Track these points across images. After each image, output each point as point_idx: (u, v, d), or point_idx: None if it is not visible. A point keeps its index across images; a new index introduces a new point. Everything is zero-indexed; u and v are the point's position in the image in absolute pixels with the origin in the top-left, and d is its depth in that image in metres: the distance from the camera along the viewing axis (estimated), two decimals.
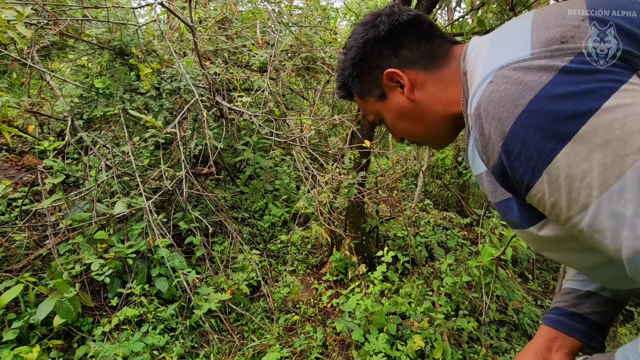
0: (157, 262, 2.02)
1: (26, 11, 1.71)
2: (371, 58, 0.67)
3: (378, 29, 0.65)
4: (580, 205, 0.43)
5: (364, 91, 0.71)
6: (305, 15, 3.36)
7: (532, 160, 0.45)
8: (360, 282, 2.37)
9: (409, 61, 0.65)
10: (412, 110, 0.67)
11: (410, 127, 0.70)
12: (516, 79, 0.45)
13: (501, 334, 2.05)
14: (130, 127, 2.61)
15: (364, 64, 0.68)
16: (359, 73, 0.70)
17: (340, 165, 2.34)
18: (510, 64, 0.47)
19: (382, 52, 0.66)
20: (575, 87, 0.42)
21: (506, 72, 0.47)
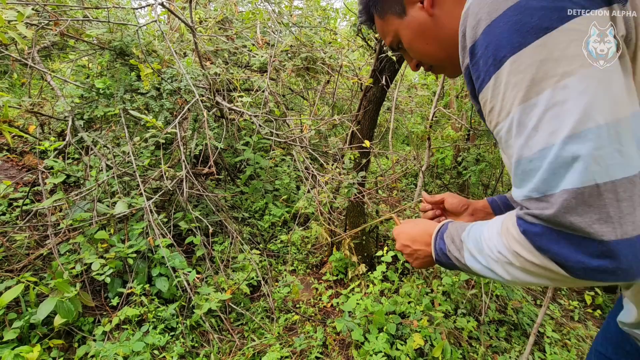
0: (157, 261, 2.02)
1: (27, 11, 1.72)
2: None
3: None
4: (505, 111, 0.46)
5: (385, 9, 0.70)
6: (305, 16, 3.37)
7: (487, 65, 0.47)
8: (360, 282, 2.38)
9: None
10: (430, 27, 0.66)
11: (426, 47, 0.69)
12: None
13: (500, 334, 2.06)
14: (131, 127, 2.62)
15: None
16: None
17: (340, 165, 2.34)
18: None
19: None
20: (549, 2, 0.43)
21: None
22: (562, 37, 0.42)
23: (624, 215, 0.40)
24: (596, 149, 0.40)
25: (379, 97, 2.26)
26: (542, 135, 0.43)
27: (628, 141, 0.41)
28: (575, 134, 0.41)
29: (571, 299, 2.51)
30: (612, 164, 0.40)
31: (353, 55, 3.00)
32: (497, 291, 2.30)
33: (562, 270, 0.44)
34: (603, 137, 0.40)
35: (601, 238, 0.40)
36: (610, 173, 0.40)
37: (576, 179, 0.41)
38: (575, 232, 0.42)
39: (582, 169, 0.41)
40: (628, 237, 0.40)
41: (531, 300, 2.39)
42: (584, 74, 0.41)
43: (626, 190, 0.40)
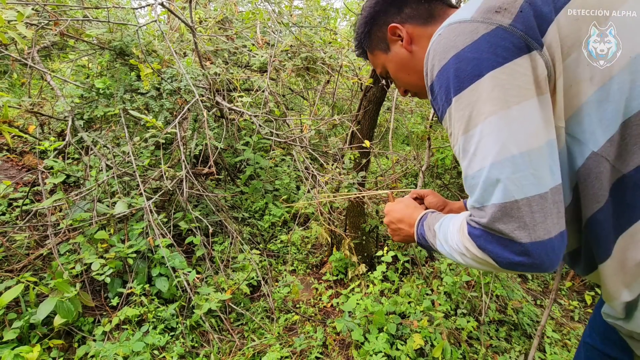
0: (157, 261, 2.02)
1: (27, 11, 1.72)
2: (379, 16, 0.80)
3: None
4: (455, 139, 0.59)
5: (373, 45, 0.83)
6: (305, 16, 3.37)
7: (442, 101, 0.59)
8: (360, 282, 2.38)
9: (410, 17, 0.76)
10: (409, 61, 0.77)
11: (408, 77, 0.81)
12: (451, 35, 0.58)
13: (501, 334, 2.06)
14: (131, 127, 2.61)
15: (374, 21, 0.81)
16: (370, 29, 0.82)
17: (340, 165, 2.34)
18: (454, 22, 0.59)
19: (389, 11, 0.79)
20: (480, 54, 0.54)
21: (448, 29, 0.59)
22: (488, 82, 0.53)
23: (537, 224, 0.52)
24: (512, 173, 0.52)
25: (379, 97, 2.26)
26: (479, 159, 0.55)
27: (540, 165, 0.52)
28: (497, 161, 0.53)
29: (571, 299, 2.51)
30: (526, 184, 0.52)
31: (353, 55, 3.00)
32: (497, 291, 2.30)
33: (495, 263, 0.56)
34: (517, 164, 0.52)
35: (520, 241, 0.52)
36: (525, 191, 0.52)
37: (500, 196, 0.53)
38: (503, 235, 0.54)
39: (503, 188, 0.52)
40: (540, 240, 0.52)
41: (531, 301, 2.39)
42: (503, 114, 0.52)
43: (538, 204, 0.52)
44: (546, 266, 0.53)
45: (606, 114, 0.53)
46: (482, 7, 0.57)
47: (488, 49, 0.54)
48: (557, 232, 0.53)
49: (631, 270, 0.56)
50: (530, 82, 0.53)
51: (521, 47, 0.53)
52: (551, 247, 0.52)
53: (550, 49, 0.54)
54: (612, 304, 0.62)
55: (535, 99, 0.53)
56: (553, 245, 0.52)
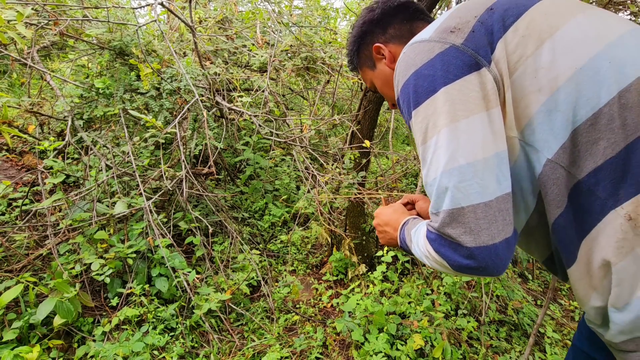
0: (157, 262, 2.02)
1: (26, 11, 1.71)
2: (367, 36, 0.86)
3: (374, 13, 0.84)
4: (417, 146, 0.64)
5: (361, 63, 0.90)
6: (305, 16, 3.36)
7: (406, 114, 0.66)
8: (360, 282, 2.38)
9: (393, 37, 0.83)
10: (391, 77, 0.82)
11: (392, 93, 0.86)
12: (412, 54, 0.64)
13: (501, 334, 2.05)
14: (131, 127, 2.61)
15: (362, 40, 0.87)
16: (358, 47, 0.88)
17: (340, 165, 2.34)
18: (416, 42, 0.65)
19: (375, 31, 0.85)
20: (435, 71, 0.59)
21: (410, 48, 0.65)
22: (441, 97, 0.58)
23: (482, 230, 0.55)
24: (459, 182, 0.56)
25: (379, 97, 2.26)
26: (433, 168, 0.59)
27: (486, 175, 0.56)
28: (446, 171, 0.57)
29: (572, 299, 2.50)
30: (472, 192, 0.55)
31: None
32: (497, 292, 2.30)
33: (449, 265, 0.60)
34: (464, 173, 0.56)
35: (466, 245, 0.56)
36: (471, 199, 0.55)
37: (448, 203, 0.57)
38: (452, 239, 0.58)
39: (451, 196, 0.57)
40: (484, 245, 0.55)
41: (532, 301, 2.39)
42: (453, 127, 0.57)
43: (483, 211, 0.55)
44: (491, 270, 0.57)
45: (556, 123, 0.55)
46: (439, 28, 0.63)
47: (441, 66, 0.59)
48: (501, 238, 0.56)
49: (596, 273, 0.57)
50: (479, 98, 0.57)
51: (471, 64, 0.58)
52: (495, 252, 0.56)
53: (498, 65, 0.58)
54: (585, 309, 0.63)
55: (485, 113, 0.57)
56: (497, 250, 0.56)
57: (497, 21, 0.60)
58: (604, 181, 0.53)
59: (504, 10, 0.61)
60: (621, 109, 0.52)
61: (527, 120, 0.57)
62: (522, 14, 0.60)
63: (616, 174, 0.53)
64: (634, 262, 0.52)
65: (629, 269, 0.53)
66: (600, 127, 0.53)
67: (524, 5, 0.61)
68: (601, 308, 0.59)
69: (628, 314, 0.54)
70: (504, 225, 0.56)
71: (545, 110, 0.56)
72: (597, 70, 0.54)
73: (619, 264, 0.53)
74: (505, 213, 0.57)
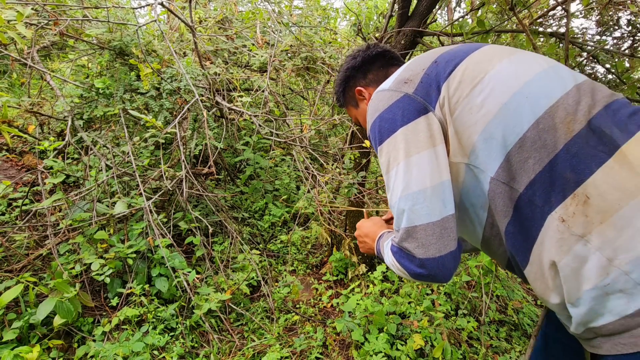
0: (157, 262, 2.02)
1: (26, 11, 1.71)
2: (350, 80, 1.01)
3: (355, 60, 0.99)
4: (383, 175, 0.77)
5: (346, 102, 1.06)
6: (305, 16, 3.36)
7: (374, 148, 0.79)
8: (360, 282, 2.38)
9: (372, 81, 0.98)
10: None
11: None
12: (376, 101, 0.79)
13: (501, 334, 2.05)
14: (131, 127, 2.61)
15: (346, 83, 1.02)
16: (343, 89, 1.03)
17: (340, 165, 2.34)
18: (380, 90, 0.80)
19: (356, 76, 1.00)
20: (394, 115, 0.74)
21: (376, 95, 0.80)
22: (399, 136, 0.73)
23: (431, 244, 0.69)
24: (413, 205, 0.70)
25: None
26: (394, 193, 0.73)
27: (434, 199, 0.69)
28: (402, 196, 0.71)
29: None
30: (423, 214, 0.69)
31: None
32: (497, 292, 2.30)
33: (407, 273, 0.74)
34: (416, 198, 0.70)
35: (419, 256, 0.70)
36: (422, 219, 0.69)
37: (405, 222, 0.71)
38: (408, 252, 0.72)
39: (407, 217, 0.71)
40: (433, 257, 0.69)
41: (532, 301, 2.39)
42: (407, 161, 0.71)
43: (432, 229, 0.69)
44: (439, 277, 0.71)
45: (493, 148, 0.67)
46: (397, 79, 0.78)
47: (398, 111, 0.74)
48: (447, 251, 0.70)
49: (548, 273, 0.64)
50: (427, 137, 0.71)
51: (420, 109, 0.72)
52: (442, 262, 0.70)
53: (442, 108, 0.71)
54: (549, 306, 0.70)
55: (432, 149, 0.71)
56: (444, 261, 0.70)
57: (440, 72, 0.74)
58: (539, 191, 0.63)
59: (445, 62, 0.75)
60: (540, 132, 0.64)
61: (471, 147, 0.69)
62: (459, 64, 0.73)
63: (546, 184, 0.63)
64: (574, 259, 0.60)
65: (571, 265, 0.60)
66: (526, 148, 0.64)
67: (460, 56, 0.74)
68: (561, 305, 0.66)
69: (582, 307, 0.61)
70: (449, 240, 0.70)
71: (483, 139, 0.67)
72: (518, 104, 0.66)
73: (562, 261, 0.61)
74: (450, 231, 0.70)
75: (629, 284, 0.56)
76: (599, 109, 0.64)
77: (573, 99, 0.65)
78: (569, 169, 0.61)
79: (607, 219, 0.57)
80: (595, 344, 0.63)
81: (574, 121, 0.63)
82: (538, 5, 2.99)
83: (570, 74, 0.70)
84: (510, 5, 1.51)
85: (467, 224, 0.78)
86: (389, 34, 2.32)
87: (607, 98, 0.65)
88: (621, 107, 0.64)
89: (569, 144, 0.62)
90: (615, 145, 0.60)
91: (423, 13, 2.17)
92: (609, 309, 0.58)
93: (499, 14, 3.08)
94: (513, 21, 2.56)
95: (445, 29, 2.63)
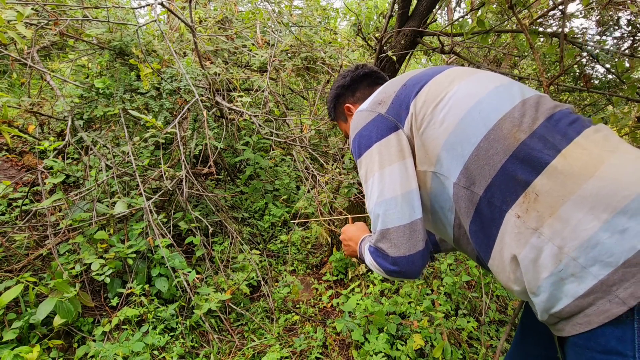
0: (157, 262, 2.02)
1: (26, 11, 1.71)
2: (340, 97, 1.12)
3: (345, 79, 1.10)
4: (363, 184, 0.89)
5: (337, 116, 1.17)
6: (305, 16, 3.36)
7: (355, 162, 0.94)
8: (360, 282, 2.37)
9: (359, 99, 1.09)
10: None
11: None
12: (356, 119, 0.91)
13: (501, 334, 2.05)
14: (131, 127, 2.61)
15: (337, 100, 1.14)
16: (334, 105, 1.15)
17: (340, 165, 2.34)
18: (359, 110, 0.92)
19: (346, 94, 1.11)
20: (370, 132, 0.86)
21: (356, 114, 0.92)
22: (375, 150, 0.84)
23: (402, 244, 0.81)
24: (386, 210, 0.81)
25: None
26: (371, 200, 0.85)
27: (404, 205, 0.80)
28: (377, 203, 0.83)
29: None
30: (395, 218, 0.80)
31: (353, 55, 3.00)
32: (497, 292, 2.30)
33: (383, 270, 0.85)
34: (389, 204, 0.81)
35: (392, 255, 0.82)
36: (394, 222, 0.81)
37: (380, 225, 0.83)
38: (382, 251, 0.83)
39: (381, 220, 0.82)
40: (403, 255, 0.81)
41: None
42: (381, 172, 0.83)
43: (403, 231, 0.81)
44: (410, 273, 0.83)
45: (454, 157, 0.76)
46: (373, 101, 0.90)
47: (373, 128, 0.85)
48: (416, 250, 0.81)
49: (509, 267, 0.71)
50: (397, 151, 0.82)
51: (391, 127, 0.83)
52: (412, 260, 0.81)
53: (410, 124, 0.82)
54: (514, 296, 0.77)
55: (402, 162, 0.82)
56: (413, 259, 0.81)
57: (409, 93, 0.84)
58: (496, 193, 0.71)
59: (412, 84, 0.85)
60: (491, 142, 0.72)
61: (436, 157, 0.79)
62: (424, 85, 0.83)
63: (502, 186, 0.71)
64: (531, 250, 0.67)
65: (529, 256, 0.67)
66: (481, 156, 0.73)
67: (425, 79, 0.85)
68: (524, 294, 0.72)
69: (543, 294, 0.67)
70: (417, 241, 0.81)
71: (445, 150, 0.77)
72: (472, 119, 0.75)
73: (521, 254, 0.68)
74: (418, 233, 0.81)
75: (577, 268, 0.62)
76: (542, 120, 0.72)
77: (519, 112, 0.74)
78: (519, 171, 0.69)
79: (555, 213, 0.65)
80: (559, 327, 0.69)
81: (519, 131, 0.72)
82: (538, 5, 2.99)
83: (520, 90, 0.79)
84: (510, 4, 1.51)
85: (440, 225, 0.88)
86: (389, 34, 2.32)
87: (550, 110, 0.74)
88: (562, 117, 0.73)
89: (516, 151, 0.70)
90: (557, 149, 0.68)
91: (423, 13, 2.17)
92: (565, 293, 0.64)
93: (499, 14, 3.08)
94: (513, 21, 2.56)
95: (445, 29, 2.63)
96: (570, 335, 0.66)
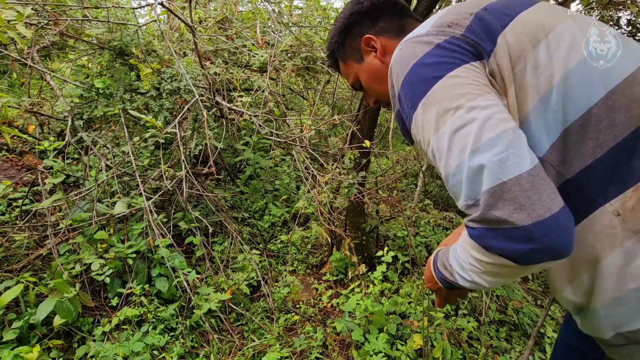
0: (157, 262, 2.02)
1: (26, 11, 1.71)
2: (354, 27, 0.83)
3: (362, 5, 0.82)
4: (426, 142, 0.59)
5: (346, 55, 0.86)
6: (305, 16, 3.36)
7: (408, 108, 0.61)
8: (360, 282, 2.37)
9: (383, 30, 0.81)
10: (382, 71, 0.79)
11: (380, 87, 0.82)
12: (410, 48, 0.62)
13: (501, 334, 2.05)
14: (131, 127, 2.61)
15: (348, 32, 0.84)
16: (343, 40, 0.85)
17: (340, 165, 2.34)
18: (411, 38, 0.64)
19: (363, 23, 0.82)
20: (438, 59, 0.58)
21: (407, 43, 0.64)
22: (449, 81, 0.56)
23: (533, 202, 0.48)
24: (493, 156, 0.50)
25: None
26: (455, 153, 0.53)
27: (518, 144, 0.51)
28: (476, 149, 0.51)
29: None
30: (510, 164, 0.49)
31: None
32: (497, 292, 2.29)
33: (510, 261, 0.50)
34: (496, 146, 0.50)
35: (521, 224, 0.47)
36: (511, 171, 0.49)
37: (488, 181, 0.50)
38: (502, 225, 0.49)
39: (488, 172, 0.50)
40: (541, 218, 0.47)
41: (532, 301, 2.39)
42: (469, 107, 0.53)
43: (528, 181, 0.48)
44: (559, 246, 0.48)
45: (549, 122, 0.56)
46: (436, 23, 0.63)
47: (444, 54, 0.59)
48: (557, 207, 0.48)
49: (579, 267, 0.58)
50: (486, 80, 0.57)
51: (474, 53, 0.59)
52: (556, 223, 0.47)
53: (499, 60, 0.58)
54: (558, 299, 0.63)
55: (493, 93, 0.56)
56: (558, 221, 0.48)
57: (494, 19, 0.61)
58: (593, 179, 0.54)
59: (498, 10, 0.62)
60: (609, 110, 0.53)
61: (522, 117, 0.57)
62: (516, 16, 0.61)
63: (605, 172, 0.54)
64: (622, 255, 0.53)
65: (616, 261, 0.54)
66: (589, 127, 0.54)
67: (515, 9, 0.62)
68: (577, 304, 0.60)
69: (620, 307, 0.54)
70: (553, 192, 0.49)
71: (539, 108, 0.56)
72: (587, 72, 0.55)
73: (608, 258, 0.54)
74: (548, 180, 0.50)
75: None
76: None
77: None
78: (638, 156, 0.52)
79: None
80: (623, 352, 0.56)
81: None
82: None
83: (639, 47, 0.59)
84: None
85: None
86: None
87: None
88: None
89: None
90: None
91: (423, 13, 2.17)
92: None
93: None
94: None
95: None
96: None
